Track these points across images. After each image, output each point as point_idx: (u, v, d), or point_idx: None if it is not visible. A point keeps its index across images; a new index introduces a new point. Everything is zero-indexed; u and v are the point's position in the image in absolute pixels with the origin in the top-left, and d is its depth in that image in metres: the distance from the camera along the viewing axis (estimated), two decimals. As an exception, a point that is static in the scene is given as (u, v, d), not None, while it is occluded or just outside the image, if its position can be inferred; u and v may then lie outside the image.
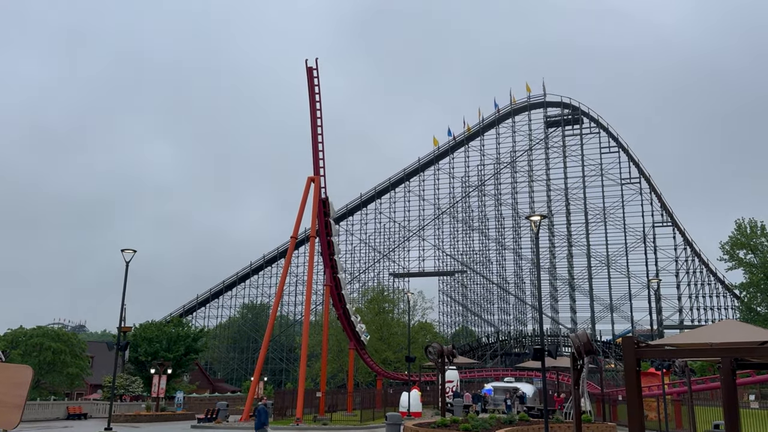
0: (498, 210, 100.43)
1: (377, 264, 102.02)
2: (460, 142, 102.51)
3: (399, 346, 64.74)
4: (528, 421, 28.16)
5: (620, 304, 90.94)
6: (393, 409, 37.04)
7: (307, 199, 42.90)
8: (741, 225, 75.79)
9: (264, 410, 21.10)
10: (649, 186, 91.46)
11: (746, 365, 23.45)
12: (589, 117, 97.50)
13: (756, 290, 75.45)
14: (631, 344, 16.55)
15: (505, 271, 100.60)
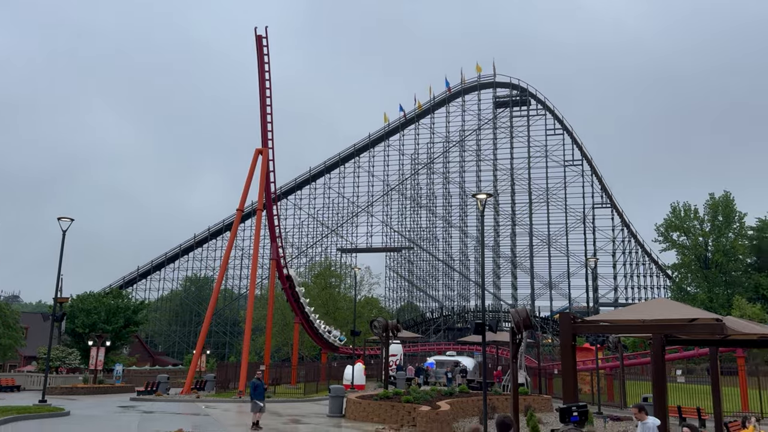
0: (446, 188, 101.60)
1: (325, 239, 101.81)
2: (410, 119, 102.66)
3: (345, 320, 65.01)
4: (467, 393, 28.96)
5: (559, 282, 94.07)
6: (337, 382, 37.34)
7: (255, 172, 42.22)
8: (676, 208, 79.25)
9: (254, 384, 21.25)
10: (591, 168, 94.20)
11: (675, 341, 24.73)
12: (537, 99, 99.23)
13: (687, 271, 79.36)
14: (567, 320, 17.20)
15: (450, 248, 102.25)
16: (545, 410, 28.30)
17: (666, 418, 17.39)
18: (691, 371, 47.35)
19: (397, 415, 22.97)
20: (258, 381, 21.43)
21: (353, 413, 24.58)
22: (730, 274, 75.09)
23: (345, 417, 24.97)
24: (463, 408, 25.68)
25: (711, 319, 16.45)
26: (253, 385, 21.25)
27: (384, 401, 24.35)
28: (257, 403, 20.62)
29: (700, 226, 77.45)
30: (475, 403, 25.96)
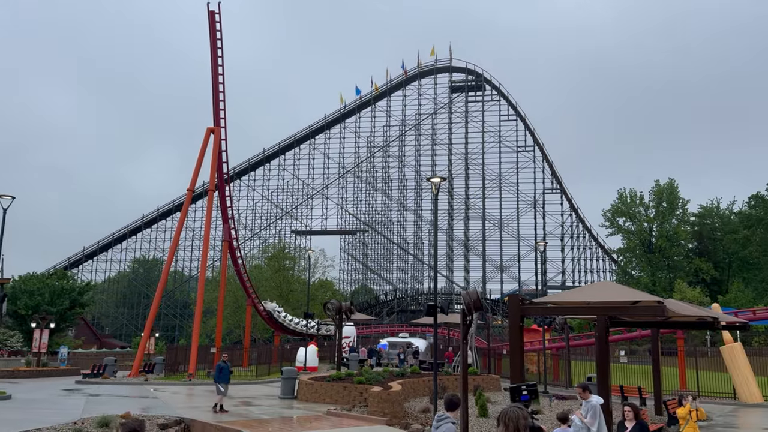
0: (401, 171, 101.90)
1: (279, 221, 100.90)
2: (367, 101, 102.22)
3: (298, 302, 64.79)
4: (419, 373, 29.37)
5: (510, 265, 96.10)
6: (290, 364, 37.29)
7: (207, 151, 41.34)
8: (622, 194, 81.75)
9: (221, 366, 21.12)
10: (542, 155, 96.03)
11: (619, 323, 25.62)
12: (492, 85, 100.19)
13: (632, 255, 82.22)
14: (516, 301, 17.58)
15: (405, 232, 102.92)
16: (494, 389, 28.97)
17: (609, 397, 18.05)
18: (634, 352, 49.23)
19: (349, 396, 23.12)
20: (224, 364, 21.32)
21: (305, 395, 24.62)
22: (672, 258, 78.11)
23: (297, 398, 24.98)
24: (415, 388, 26.04)
25: (653, 302, 17.08)
26: (219, 367, 21.09)
27: (336, 382, 24.46)
28: (221, 385, 20.59)
29: (645, 212, 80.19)
30: (426, 384, 26.35)
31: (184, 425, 17.86)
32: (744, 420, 23.88)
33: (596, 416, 10.33)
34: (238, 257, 49.76)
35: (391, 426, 17.90)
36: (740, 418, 24.32)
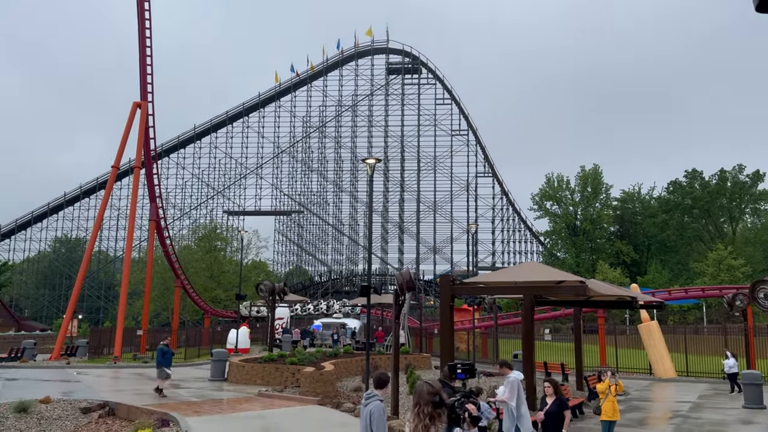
0: (337, 152, 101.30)
1: (210, 201, 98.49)
2: (303, 80, 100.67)
3: (230, 284, 63.70)
4: (352, 353, 29.58)
5: (443, 247, 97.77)
6: (221, 347, 36.68)
7: (133, 127, 39.70)
8: (550, 179, 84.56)
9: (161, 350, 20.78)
10: (476, 139, 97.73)
11: (544, 302, 26.55)
12: (428, 68, 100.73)
13: (557, 237, 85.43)
14: (447, 282, 17.93)
15: (340, 213, 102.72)
16: (425, 368, 29.56)
17: (533, 373, 18.74)
18: (558, 330, 51.37)
19: (281, 377, 23.02)
20: (165, 347, 20.96)
21: (236, 377, 24.33)
22: (595, 241, 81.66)
23: (227, 381, 24.66)
24: (347, 368, 26.23)
25: (576, 282, 17.82)
26: (161, 351, 20.72)
27: (268, 364, 24.29)
28: (164, 369, 20.31)
29: (571, 196, 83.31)
30: (358, 363, 26.59)
31: (108, 408, 17.29)
32: (658, 394, 25.40)
33: (514, 391, 10.68)
34: (167, 237, 48.34)
35: (323, 405, 17.96)
36: (655, 392, 25.85)
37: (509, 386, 10.78)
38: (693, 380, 29.23)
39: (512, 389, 10.74)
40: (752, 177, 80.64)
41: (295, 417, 16.34)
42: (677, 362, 31.33)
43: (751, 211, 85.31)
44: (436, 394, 4.47)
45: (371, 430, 6.52)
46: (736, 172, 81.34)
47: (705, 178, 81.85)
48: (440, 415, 4.34)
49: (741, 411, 19.48)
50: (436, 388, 4.52)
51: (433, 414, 4.42)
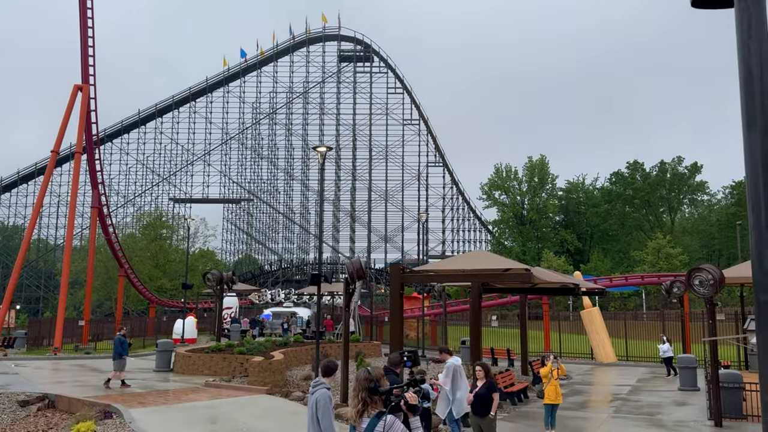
0: (288, 140, 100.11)
1: (156, 188, 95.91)
2: (252, 65, 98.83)
3: (176, 273, 62.32)
4: (302, 342, 29.51)
5: (394, 235, 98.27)
6: (167, 337, 35.93)
7: (74, 111, 38.19)
8: (499, 169, 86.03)
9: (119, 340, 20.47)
10: (427, 128, 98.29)
11: (491, 290, 27.06)
12: (380, 56, 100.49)
13: (505, 226, 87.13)
14: (397, 270, 18.07)
15: (291, 201, 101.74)
16: (375, 355, 29.75)
17: (480, 359, 19.12)
18: (505, 317, 52.47)
19: (229, 366, 22.78)
20: (123, 337, 20.72)
21: (182, 367, 23.92)
22: (541, 230, 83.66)
23: (173, 371, 24.22)
24: (297, 357, 26.16)
25: (522, 269, 18.25)
26: (120, 341, 20.42)
27: (216, 354, 23.98)
28: (124, 360, 20.14)
29: (519, 186, 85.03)
30: (309, 352, 26.54)
31: (48, 401, 16.75)
32: (599, 377, 26.33)
33: (449, 375, 11.02)
34: (109, 225, 46.91)
35: (272, 395, 17.87)
36: (596, 375, 26.78)
37: (445, 370, 11.15)
38: (632, 364, 30.42)
39: (447, 373, 11.10)
40: (690, 169, 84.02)
41: (244, 406, 16.20)
42: (618, 347, 32.52)
43: (689, 201, 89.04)
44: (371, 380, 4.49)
45: (317, 418, 6.54)
46: (675, 164, 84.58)
47: (646, 170, 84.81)
48: (375, 402, 4.36)
49: (677, 393, 20.40)
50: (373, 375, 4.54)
51: (367, 400, 4.44)
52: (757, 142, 2.60)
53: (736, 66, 2.64)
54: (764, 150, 2.59)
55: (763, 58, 2.62)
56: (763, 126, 2.60)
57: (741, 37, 2.64)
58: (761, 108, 2.61)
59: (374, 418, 4.22)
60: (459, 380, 10.93)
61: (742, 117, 2.65)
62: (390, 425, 4.12)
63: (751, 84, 2.63)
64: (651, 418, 15.83)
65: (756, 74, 2.62)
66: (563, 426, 13.75)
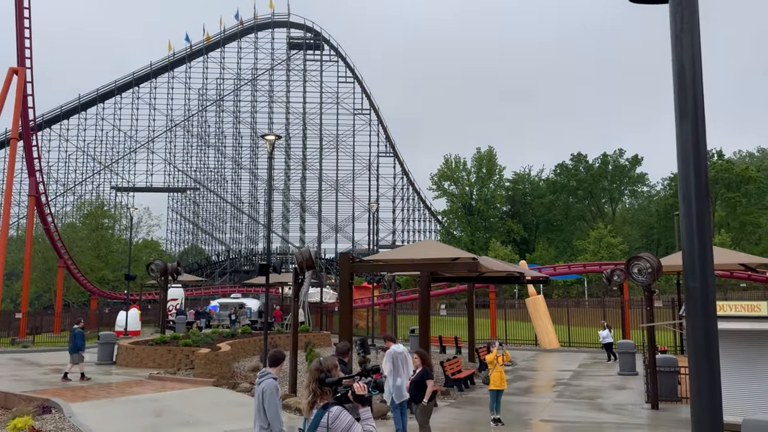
0: (236, 128, 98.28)
1: (97, 176, 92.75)
2: (198, 51, 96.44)
3: (119, 264, 60.51)
4: (250, 333, 29.21)
5: (344, 225, 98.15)
6: (109, 329, 34.91)
7: (9, 94, 36.44)
8: (448, 160, 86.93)
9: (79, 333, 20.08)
10: (378, 118, 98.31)
11: (440, 279, 27.38)
12: (330, 45, 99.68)
13: (454, 216, 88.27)
14: (347, 260, 18.07)
15: (240, 191, 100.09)
16: (325, 345, 29.71)
17: (429, 347, 19.36)
18: (453, 305, 53.28)
19: (175, 359, 22.35)
20: (81, 330, 20.39)
21: (125, 360, 23.34)
22: (489, 220, 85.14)
23: (116, 364, 23.61)
24: (245, 348, 25.89)
25: (469, 258, 18.53)
26: (80, 335, 20.04)
27: (160, 346, 23.48)
28: (81, 354, 19.77)
29: (468, 177, 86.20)
30: (257, 343, 26.28)
31: (-21, 399, 16.04)
32: (542, 363, 27.08)
33: (388, 362, 11.28)
34: (48, 214, 45.13)
35: (218, 387, 17.64)
36: (540, 361, 27.53)
37: (386, 357, 11.40)
38: (575, 350, 31.40)
39: (386, 360, 11.37)
40: (631, 161, 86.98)
41: (189, 399, 15.93)
42: (561, 333, 33.50)
43: (629, 192, 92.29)
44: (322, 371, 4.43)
45: (263, 408, 6.49)
46: (617, 156, 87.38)
47: (589, 162, 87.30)
48: (325, 393, 4.31)
49: (616, 377, 21.19)
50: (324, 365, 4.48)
51: (317, 391, 4.39)
52: (689, 133, 2.71)
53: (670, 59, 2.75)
54: (695, 141, 2.70)
55: (695, 52, 2.73)
56: (694, 117, 2.71)
57: (674, 31, 2.74)
58: (692, 100, 2.72)
59: (320, 410, 4.15)
60: (400, 368, 11.10)
61: (674, 109, 2.75)
62: (335, 417, 4.05)
63: (683, 76, 2.73)
64: (592, 402, 16.39)
65: (688, 67, 2.73)
66: (508, 410, 14.08)
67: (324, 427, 4.05)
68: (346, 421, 4.05)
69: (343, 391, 4.11)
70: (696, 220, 2.66)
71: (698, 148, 2.70)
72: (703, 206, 2.66)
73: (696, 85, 2.74)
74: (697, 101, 2.72)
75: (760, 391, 11.70)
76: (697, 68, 2.74)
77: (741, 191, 71.70)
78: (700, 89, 2.74)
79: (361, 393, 4.09)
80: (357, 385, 4.11)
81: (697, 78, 2.74)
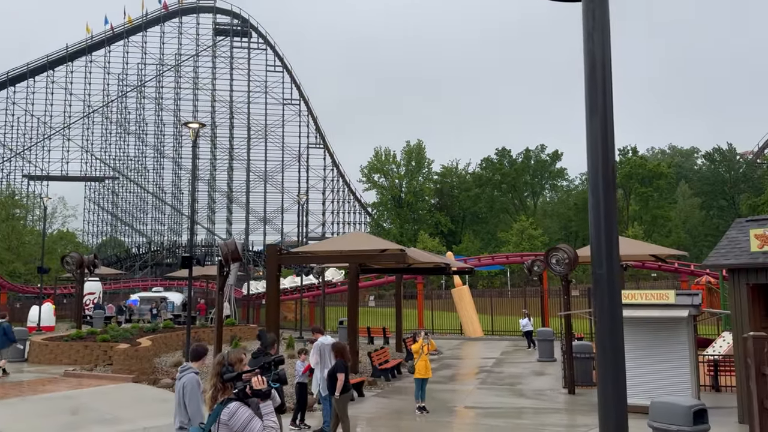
0: (158, 115, 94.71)
1: (8, 163, 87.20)
2: (118, 34, 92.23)
3: (32, 256, 57.24)
4: (173, 328, 28.37)
5: (273, 217, 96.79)
6: (20, 325, 32.98)
7: None
8: (378, 152, 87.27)
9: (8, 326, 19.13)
10: (307, 109, 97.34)
11: (369, 270, 27.48)
12: (258, 32, 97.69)
13: (384, 209, 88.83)
14: (274, 251, 17.85)
15: (162, 180, 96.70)
16: (251, 338, 29.23)
17: (356, 339, 19.46)
18: (382, 297, 53.73)
19: (92, 355, 21.42)
20: (8, 323, 19.38)
21: (38, 356, 22.15)
22: (418, 212, 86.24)
23: (27, 361, 22.35)
24: (167, 343, 25.14)
25: (397, 250, 18.74)
26: (9, 327, 19.17)
27: (76, 342, 22.43)
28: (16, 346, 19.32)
29: (397, 169, 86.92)
30: (180, 338, 25.54)
31: None
32: (467, 351, 27.79)
33: (315, 354, 11.47)
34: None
35: (139, 383, 17.07)
36: (464, 350, 28.23)
37: (314, 349, 11.51)
38: (497, 338, 32.39)
39: (314, 351, 11.55)
40: (551, 156, 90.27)
41: (108, 396, 15.33)
42: (485, 322, 34.47)
43: (550, 186, 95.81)
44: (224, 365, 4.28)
45: (184, 404, 6.34)
46: (539, 152, 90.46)
47: (513, 156, 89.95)
48: (227, 388, 4.16)
49: (536, 364, 22.01)
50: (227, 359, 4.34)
51: (218, 386, 4.24)
52: (598, 129, 2.83)
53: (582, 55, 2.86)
54: (603, 136, 2.83)
55: (605, 49, 2.85)
56: (603, 113, 2.84)
57: (587, 27, 2.85)
58: (602, 96, 2.84)
59: (219, 406, 3.97)
60: (327, 359, 11.16)
61: (585, 104, 2.87)
62: (232, 413, 3.90)
63: (594, 72, 2.85)
64: (512, 388, 16.97)
65: (599, 64, 2.85)
66: (432, 398, 14.36)
67: (222, 423, 3.93)
68: (244, 416, 3.91)
69: (241, 386, 3.95)
70: (603, 211, 2.79)
71: (606, 142, 2.83)
72: (609, 198, 2.79)
73: (606, 82, 2.87)
74: (607, 98, 2.85)
75: (668, 374, 12.45)
76: (607, 65, 2.87)
77: (653, 186, 75.82)
78: (609, 86, 2.87)
79: (259, 387, 3.93)
80: (255, 380, 3.94)
81: (607, 75, 2.87)
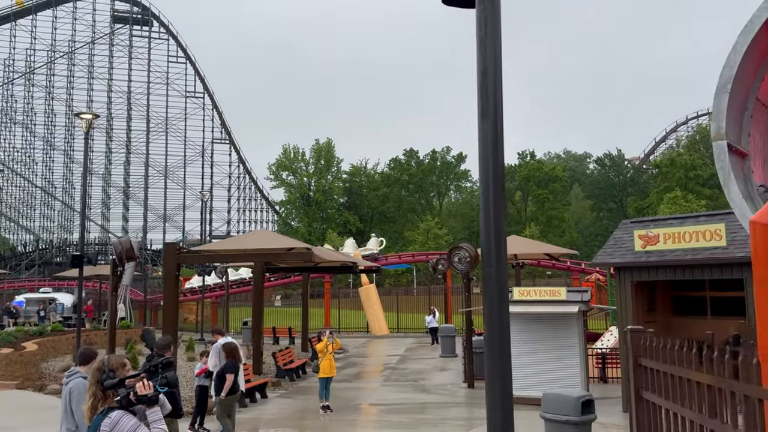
0: (49, 105, 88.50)
1: None
2: (5, 16, 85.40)
3: None
4: (62, 330, 26.75)
5: (174, 214, 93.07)
6: None
7: None
8: (287, 150, 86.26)
9: None
10: (212, 103, 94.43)
11: (275, 269, 27.08)
12: (160, 21, 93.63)
13: (292, 207, 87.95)
14: (172, 250, 17.19)
15: (52, 174, 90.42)
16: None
17: (261, 339, 19.13)
18: (289, 296, 53.18)
19: (-32, 362, 19.69)
20: None
21: None
22: (326, 211, 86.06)
23: None
24: (56, 347, 23.67)
25: (303, 248, 18.60)
26: None
27: (-51, 348, 20.54)
28: None
29: (306, 167, 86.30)
30: (69, 341, 24.09)
31: None
32: (372, 349, 28.05)
33: (214, 356, 11.40)
34: None
35: (23, 389, 15.94)
36: (370, 348, 28.48)
37: (212, 351, 11.34)
38: (402, 335, 32.95)
39: (213, 355, 11.44)
40: (456, 158, 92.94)
41: (-15, 406, 14.15)
42: (391, 320, 34.95)
43: (455, 187, 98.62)
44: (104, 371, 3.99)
45: (71, 410, 5.98)
46: (445, 153, 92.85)
47: (420, 157, 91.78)
48: (108, 396, 3.88)
49: (438, 360, 22.58)
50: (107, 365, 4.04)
51: (98, 394, 3.96)
52: (488, 131, 2.95)
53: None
54: (494, 139, 2.96)
55: (496, 56, 2.98)
56: (494, 117, 2.96)
57: (479, 34, 2.97)
58: (493, 100, 2.97)
59: (99, 416, 3.69)
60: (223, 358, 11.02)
61: (477, 108, 2.99)
62: (114, 422, 3.65)
63: (485, 78, 2.97)
64: (416, 384, 17.32)
65: (490, 70, 2.97)
66: (337, 397, 14.39)
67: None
68: (128, 426, 3.66)
69: (124, 393, 3.68)
70: (492, 211, 2.91)
71: (496, 145, 2.95)
72: (498, 199, 2.92)
73: (497, 87, 3.00)
74: (497, 102, 2.98)
75: (560, 367, 13.16)
76: (498, 71, 3.00)
77: (549, 189, 79.89)
78: (500, 91, 3.00)
79: (144, 393, 3.66)
80: (140, 385, 3.68)
81: (498, 80, 3.00)
